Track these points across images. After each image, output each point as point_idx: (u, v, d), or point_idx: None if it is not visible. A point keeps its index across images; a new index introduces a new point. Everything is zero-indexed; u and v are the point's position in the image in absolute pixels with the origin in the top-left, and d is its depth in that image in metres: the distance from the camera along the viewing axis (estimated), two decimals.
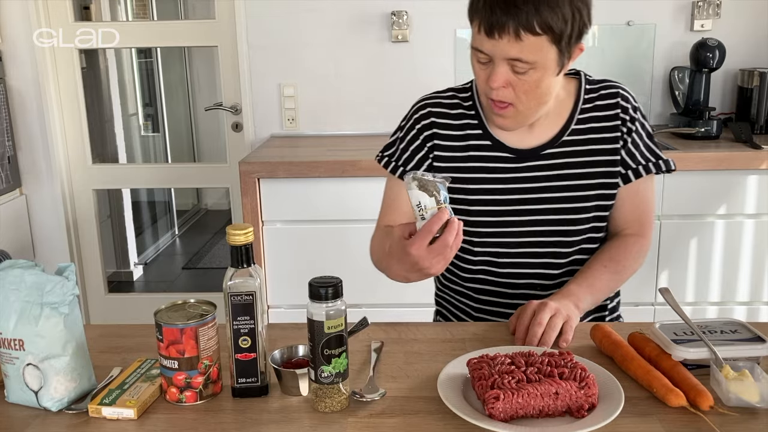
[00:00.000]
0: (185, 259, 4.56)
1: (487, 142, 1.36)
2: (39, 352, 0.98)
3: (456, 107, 1.40)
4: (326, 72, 2.94)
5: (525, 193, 1.35)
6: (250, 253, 0.99)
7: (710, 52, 2.66)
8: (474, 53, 1.24)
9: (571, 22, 1.18)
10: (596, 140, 1.35)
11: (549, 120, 1.35)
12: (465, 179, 1.36)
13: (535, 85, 1.22)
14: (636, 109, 1.38)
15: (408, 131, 1.42)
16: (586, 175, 1.35)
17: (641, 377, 1.00)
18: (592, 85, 1.39)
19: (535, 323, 1.16)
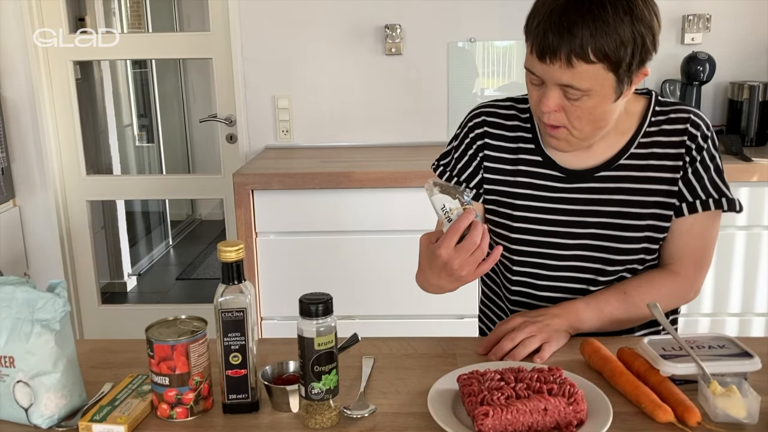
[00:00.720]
0: (179, 270, 4.56)
1: (538, 158, 1.31)
2: (29, 369, 0.98)
3: (512, 118, 1.35)
4: (321, 84, 2.96)
5: (571, 215, 1.29)
6: (241, 269, 0.99)
7: (700, 66, 2.68)
8: (527, 73, 1.19)
9: (631, 47, 1.10)
10: (656, 167, 1.26)
11: (608, 140, 1.27)
12: (511, 194, 1.33)
13: (588, 112, 1.16)
14: (706, 138, 1.25)
15: (462, 140, 1.39)
16: (639, 204, 1.26)
17: (630, 392, 1.01)
18: (662, 107, 1.28)
19: (507, 337, 1.16)
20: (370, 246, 2.51)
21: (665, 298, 1.25)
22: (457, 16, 2.84)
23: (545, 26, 1.10)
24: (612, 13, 1.08)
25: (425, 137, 2.97)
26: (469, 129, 1.38)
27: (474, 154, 1.37)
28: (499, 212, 1.35)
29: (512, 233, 1.34)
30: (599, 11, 1.08)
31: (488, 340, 1.20)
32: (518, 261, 1.35)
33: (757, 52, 2.87)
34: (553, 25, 1.09)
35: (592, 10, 1.08)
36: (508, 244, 1.35)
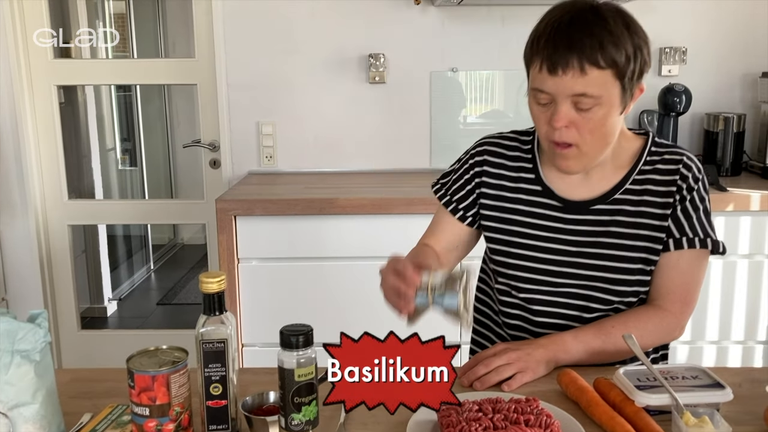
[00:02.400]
0: (160, 295, 4.53)
1: (538, 187, 1.37)
2: (8, 400, 0.98)
3: (514, 149, 1.41)
4: (304, 111, 2.98)
5: (567, 245, 1.34)
6: (223, 300, 1.00)
7: (677, 97, 2.74)
8: (534, 95, 1.24)
9: (633, 59, 1.18)
10: (648, 203, 1.31)
11: (605, 173, 1.33)
12: (510, 220, 1.38)
13: (600, 123, 1.20)
14: (697, 180, 1.31)
15: (462, 165, 1.45)
16: (632, 236, 1.31)
17: (605, 423, 1.02)
18: (657, 147, 1.34)
19: (483, 363, 1.19)
20: (353, 272, 2.52)
21: (651, 334, 1.30)
22: (440, 46, 2.89)
23: (554, 42, 1.18)
24: (613, 24, 1.18)
25: (408, 164, 2.99)
26: (470, 156, 1.45)
27: (470, 180, 1.43)
28: (498, 239, 1.39)
29: (510, 259, 1.38)
30: (602, 23, 1.17)
31: (467, 365, 1.22)
32: (515, 286, 1.39)
33: (731, 84, 2.94)
34: (562, 39, 1.17)
35: (596, 23, 1.18)
36: (506, 270, 1.39)
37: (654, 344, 1.35)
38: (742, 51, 2.91)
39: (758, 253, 2.50)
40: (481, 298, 1.55)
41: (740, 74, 2.93)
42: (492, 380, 1.17)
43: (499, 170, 1.41)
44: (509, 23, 2.88)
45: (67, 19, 3.54)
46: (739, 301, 2.54)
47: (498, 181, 1.40)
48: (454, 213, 1.44)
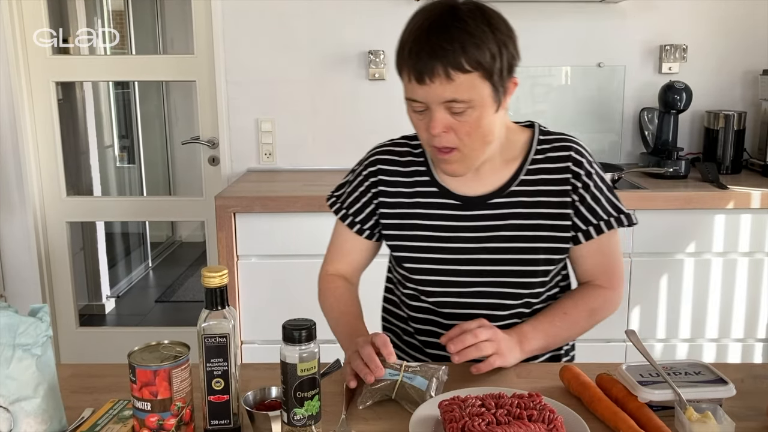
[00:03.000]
0: (159, 292, 4.52)
1: (434, 189, 1.36)
2: (9, 394, 0.97)
3: (406, 155, 1.40)
4: (304, 108, 2.98)
5: (471, 242, 1.34)
6: (225, 295, 1.00)
7: (677, 95, 2.74)
8: (409, 104, 1.23)
9: (498, 56, 1.17)
10: (546, 192, 1.33)
11: (496, 168, 1.34)
12: (412, 225, 1.36)
13: (476, 124, 1.21)
14: (590, 174, 1.33)
15: (357, 176, 1.43)
16: (534, 227, 1.33)
17: (608, 419, 1.02)
18: (545, 136, 1.37)
19: (472, 333, 1.18)
20: None
21: (600, 310, 1.37)
22: None
23: (416, 50, 1.16)
24: (473, 25, 1.16)
25: None
26: (363, 167, 1.43)
27: (365, 192, 1.41)
28: (403, 246, 1.38)
29: (417, 264, 1.37)
30: (462, 26, 1.16)
31: (451, 333, 1.20)
32: (423, 291, 1.38)
33: (732, 82, 2.94)
34: (424, 47, 1.15)
35: (455, 26, 1.16)
36: (414, 275, 1.38)
37: (603, 318, 1.38)
38: (743, 48, 2.91)
39: (758, 251, 2.50)
40: (388, 308, 1.53)
41: (741, 72, 2.93)
42: (471, 354, 1.17)
43: (395, 177, 1.39)
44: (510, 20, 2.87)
45: (65, 16, 3.53)
46: (739, 299, 2.54)
47: (395, 188, 1.38)
48: (352, 227, 1.42)
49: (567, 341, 1.39)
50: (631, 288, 2.53)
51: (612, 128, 3.00)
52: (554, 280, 1.40)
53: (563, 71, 2.99)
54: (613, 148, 3.02)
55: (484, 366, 1.18)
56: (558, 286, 1.43)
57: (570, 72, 2.99)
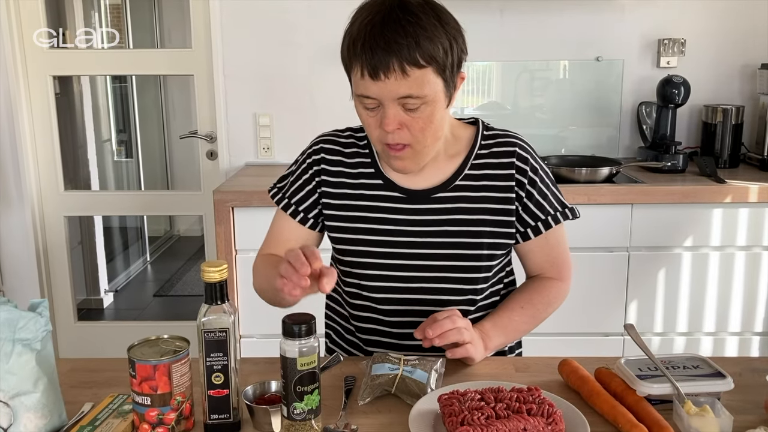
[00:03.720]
0: (157, 286, 4.52)
1: (379, 181, 1.34)
2: (9, 389, 0.97)
3: (351, 146, 1.38)
4: (302, 102, 2.97)
5: (414, 236, 1.32)
6: (225, 289, 1.00)
7: (675, 89, 2.74)
8: (360, 101, 1.21)
9: (449, 51, 1.17)
10: (490, 188, 1.33)
11: (441, 163, 1.33)
12: (354, 217, 1.35)
13: (429, 120, 1.20)
14: (536, 170, 1.34)
15: (300, 166, 1.40)
16: (477, 222, 1.32)
17: (607, 412, 1.02)
18: (489, 132, 1.37)
19: (450, 319, 1.18)
20: None
21: (554, 301, 1.40)
22: None
23: (370, 45, 1.14)
24: (425, 20, 1.15)
25: None
26: (307, 156, 1.40)
27: (309, 180, 1.38)
28: (345, 239, 1.36)
29: (358, 257, 1.35)
30: (414, 20, 1.15)
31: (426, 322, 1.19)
32: (366, 285, 1.36)
33: (730, 76, 2.94)
34: (378, 43, 1.13)
35: (408, 20, 1.14)
36: (355, 269, 1.36)
37: (556, 309, 1.40)
38: (741, 42, 2.90)
39: (756, 245, 2.51)
40: (330, 305, 1.52)
41: (739, 66, 2.93)
42: (453, 337, 1.17)
43: (338, 167, 1.37)
44: (508, 14, 2.88)
45: (62, 9, 3.52)
46: (736, 293, 2.55)
47: (338, 179, 1.37)
48: (294, 216, 1.39)
49: (525, 334, 1.40)
50: (629, 282, 2.53)
51: (610, 122, 3.00)
52: (498, 276, 1.40)
53: (561, 65, 2.99)
54: (611, 143, 3.02)
55: (460, 351, 1.19)
56: (502, 282, 1.43)
57: (568, 66, 2.98)
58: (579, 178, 2.59)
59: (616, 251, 2.51)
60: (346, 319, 1.45)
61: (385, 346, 1.37)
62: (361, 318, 1.40)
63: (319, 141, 1.41)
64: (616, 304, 2.56)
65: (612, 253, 2.52)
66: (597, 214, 2.47)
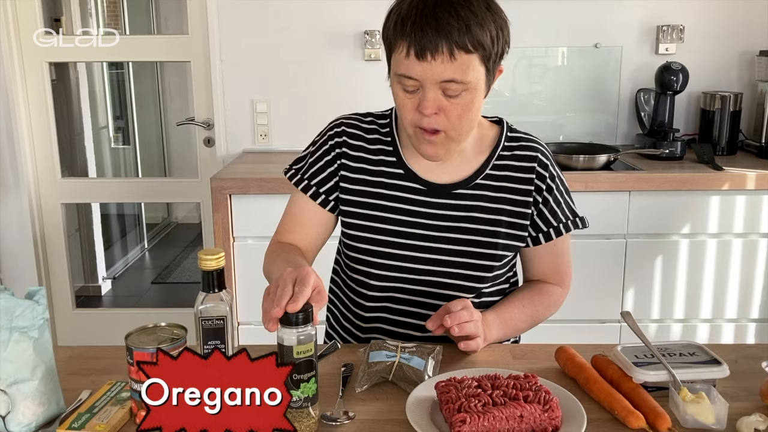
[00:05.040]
0: (155, 274, 4.52)
1: (400, 170, 1.32)
2: (7, 376, 0.98)
3: (373, 132, 1.36)
4: (299, 89, 2.96)
5: (431, 230, 1.31)
6: (222, 277, 1.00)
7: (674, 76, 2.73)
8: (399, 81, 1.18)
9: (496, 39, 1.16)
10: (510, 189, 1.32)
11: (465, 159, 1.32)
12: (371, 205, 1.33)
13: (467, 107, 1.18)
14: (554, 177, 1.35)
15: (320, 146, 1.37)
16: (494, 222, 1.31)
17: (603, 399, 1.03)
18: (513, 134, 1.37)
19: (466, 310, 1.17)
20: None
21: (554, 306, 1.39)
22: None
23: (421, 25, 1.12)
24: (476, 6, 1.14)
25: None
26: (328, 137, 1.36)
27: (331, 161, 1.35)
28: (358, 225, 1.34)
29: (372, 245, 1.33)
30: (466, 5, 1.14)
31: (437, 315, 1.19)
32: (376, 275, 1.34)
33: (728, 63, 2.93)
34: (429, 23, 1.12)
35: (461, 4, 1.13)
36: (369, 258, 1.34)
37: (550, 315, 1.39)
38: (740, 29, 2.90)
39: (753, 233, 2.51)
40: (333, 289, 1.50)
41: (738, 53, 2.92)
42: (469, 329, 1.16)
43: (359, 152, 1.34)
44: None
45: None
46: (733, 280, 2.56)
47: (358, 164, 1.33)
48: (315, 198, 1.35)
49: (521, 333, 1.39)
50: (626, 269, 2.54)
51: (608, 109, 3.00)
52: (506, 275, 1.41)
53: (559, 52, 2.98)
54: (609, 130, 3.01)
55: (472, 344, 1.18)
56: (508, 282, 1.44)
57: (566, 53, 2.97)
58: (577, 165, 2.59)
59: (613, 238, 2.52)
60: (347, 306, 1.44)
61: (387, 334, 1.38)
62: (364, 307, 1.39)
63: (340, 122, 1.37)
64: (613, 291, 2.56)
65: (609, 240, 2.52)
66: (594, 202, 2.47)
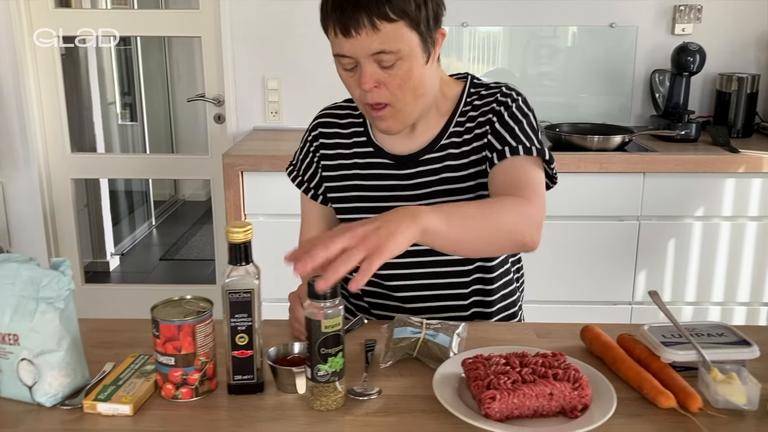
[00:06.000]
0: (162, 250, 4.52)
1: (370, 148, 1.35)
2: (34, 347, 0.97)
3: (346, 117, 1.39)
4: (311, 65, 2.93)
5: (406, 201, 1.30)
6: (249, 250, 0.99)
7: (691, 56, 2.70)
8: (338, 61, 1.20)
9: (423, 4, 1.15)
10: (470, 139, 1.29)
11: (431, 122, 1.31)
12: (350, 186, 1.35)
13: (406, 76, 1.18)
14: (516, 100, 1.28)
15: (304, 143, 1.43)
16: (464, 178, 1.29)
17: (632, 378, 1.02)
18: (476, 88, 1.33)
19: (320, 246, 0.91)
20: None
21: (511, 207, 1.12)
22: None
23: (340, 3, 1.14)
24: None
25: None
26: (308, 132, 1.42)
27: (312, 158, 1.41)
28: (344, 209, 1.37)
29: None
30: None
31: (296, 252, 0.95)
32: None
33: (746, 44, 2.90)
34: (348, 0, 1.13)
35: None
36: None
37: (516, 225, 1.10)
38: (758, 10, 2.86)
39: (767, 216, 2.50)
40: None
41: (756, 34, 2.89)
42: (339, 271, 0.89)
43: (335, 140, 1.38)
44: None
45: None
46: (746, 263, 2.54)
47: (335, 150, 1.38)
48: (307, 193, 1.42)
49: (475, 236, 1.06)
50: (638, 251, 2.53)
51: (622, 90, 2.97)
52: None
53: (572, 31, 2.94)
54: (623, 111, 2.98)
55: (361, 277, 0.89)
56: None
57: (580, 32, 2.94)
58: (591, 145, 2.57)
59: (626, 220, 2.50)
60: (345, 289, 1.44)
61: (392, 310, 1.38)
62: (367, 293, 1.40)
63: (317, 117, 1.43)
64: (625, 272, 2.55)
65: (622, 222, 2.51)
66: (609, 183, 2.45)
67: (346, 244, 0.91)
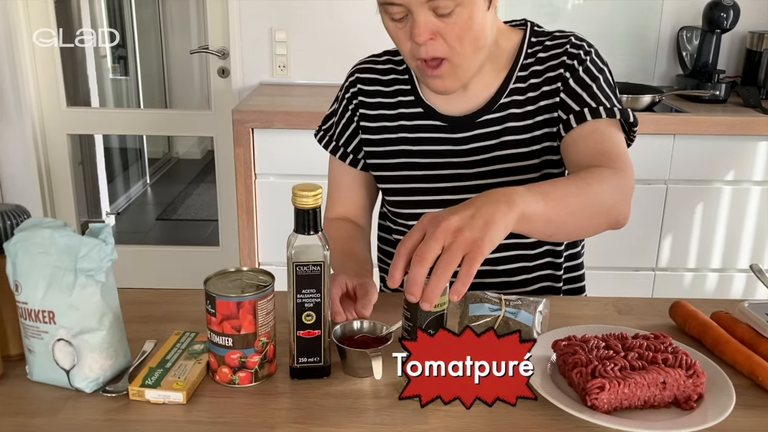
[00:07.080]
0: (158, 210, 4.37)
1: (419, 109, 1.20)
2: (72, 325, 0.84)
3: (389, 72, 1.24)
4: (321, 17, 2.77)
5: (460, 168, 1.17)
6: (318, 217, 0.86)
7: (724, 12, 2.57)
8: (385, 11, 1.04)
9: None
10: (535, 98, 1.14)
11: (487, 79, 1.15)
12: (396, 152, 1.21)
13: (467, 25, 1.02)
14: (589, 53, 1.14)
15: (340, 102, 1.28)
16: (528, 142, 1.14)
17: (741, 363, 0.91)
18: (537, 37, 1.17)
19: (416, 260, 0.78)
20: None
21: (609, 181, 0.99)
22: None
23: None
24: None
25: None
26: (345, 90, 1.27)
27: (351, 118, 1.26)
28: (387, 177, 1.23)
29: (401, 196, 1.22)
30: None
31: (394, 266, 0.81)
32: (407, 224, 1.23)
33: None
34: None
35: None
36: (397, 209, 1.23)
37: (615, 202, 0.99)
38: None
39: None
40: (381, 247, 1.38)
41: None
42: (437, 290, 0.77)
43: (376, 99, 1.23)
44: None
45: None
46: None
47: (377, 111, 1.23)
48: (345, 159, 1.27)
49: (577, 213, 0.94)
50: (665, 214, 2.44)
51: (644, 47, 2.83)
52: None
53: None
54: (646, 70, 2.86)
55: (461, 286, 0.76)
56: None
57: None
58: None
59: (654, 184, 2.41)
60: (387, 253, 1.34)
61: None
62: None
63: (354, 71, 1.27)
64: (649, 237, 2.47)
65: (650, 185, 2.41)
66: (637, 145, 2.30)
67: (442, 243, 0.78)
